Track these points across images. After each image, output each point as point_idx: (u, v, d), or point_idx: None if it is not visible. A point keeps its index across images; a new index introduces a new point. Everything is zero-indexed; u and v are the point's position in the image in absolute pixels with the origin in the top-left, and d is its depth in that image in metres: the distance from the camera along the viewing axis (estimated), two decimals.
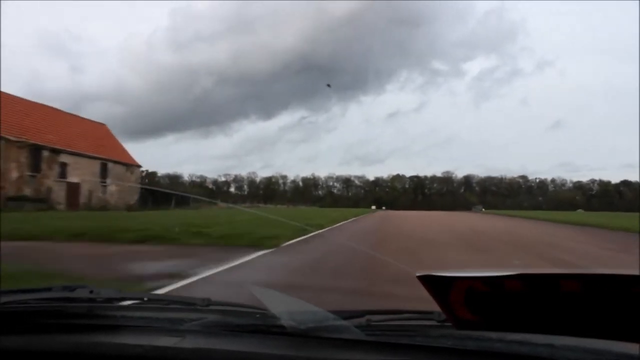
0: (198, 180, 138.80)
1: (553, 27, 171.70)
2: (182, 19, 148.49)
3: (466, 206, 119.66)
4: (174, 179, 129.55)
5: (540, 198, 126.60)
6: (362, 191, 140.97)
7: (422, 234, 17.13)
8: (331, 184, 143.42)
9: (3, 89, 30.30)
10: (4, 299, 1.15)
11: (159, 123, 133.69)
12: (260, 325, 1.01)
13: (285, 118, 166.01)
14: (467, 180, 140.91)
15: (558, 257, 9.97)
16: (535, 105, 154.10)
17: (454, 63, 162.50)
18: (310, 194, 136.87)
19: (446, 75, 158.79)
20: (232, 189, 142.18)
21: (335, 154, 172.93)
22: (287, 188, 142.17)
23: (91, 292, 1.25)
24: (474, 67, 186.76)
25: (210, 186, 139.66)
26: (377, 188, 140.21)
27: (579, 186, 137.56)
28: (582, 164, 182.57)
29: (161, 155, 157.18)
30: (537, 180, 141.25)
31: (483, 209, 76.23)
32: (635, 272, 0.52)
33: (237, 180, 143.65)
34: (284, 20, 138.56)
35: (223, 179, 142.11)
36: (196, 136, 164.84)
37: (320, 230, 16.91)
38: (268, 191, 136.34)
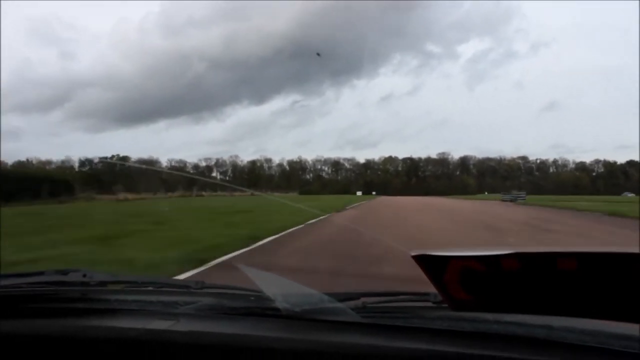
0: (177, 165, 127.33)
1: (548, 9, 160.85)
2: (174, 3, 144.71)
3: (462, 189, 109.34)
4: (149, 164, 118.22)
5: (534, 178, 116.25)
6: (353, 175, 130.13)
7: None
8: (319, 167, 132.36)
9: None
10: None
11: (151, 109, 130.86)
12: (254, 308, 1.00)
13: (278, 102, 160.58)
14: (464, 162, 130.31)
15: None
16: (529, 87, 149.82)
17: (448, 45, 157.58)
18: (297, 179, 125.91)
19: (440, 57, 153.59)
20: (217, 175, 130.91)
21: (328, 139, 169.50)
22: (272, 172, 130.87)
23: (84, 275, 1.23)
24: (468, 49, 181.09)
25: (191, 171, 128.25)
26: (368, 171, 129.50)
27: (582, 167, 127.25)
28: (575, 146, 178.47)
29: (154, 142, 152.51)
30: (538, 162, 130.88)
31: (525, 198, 41.12)
32: (634, 249, 0.50)
33: (220, 164, 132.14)
34: (276, 5, 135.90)
35: (204, 163, 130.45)
36: (188, 122, 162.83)
37: None
38: (252, 176, 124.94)
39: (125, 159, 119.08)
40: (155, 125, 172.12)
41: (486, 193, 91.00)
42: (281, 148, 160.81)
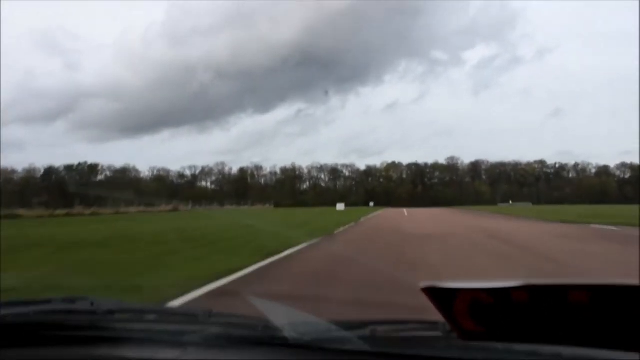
0: (160, 174, 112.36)
1: (553, 14, 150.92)
2: (179, 13, 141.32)
3: (475, 198, 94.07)
4: (123, 173, 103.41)
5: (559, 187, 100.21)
6: (353, 183, 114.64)
7: None
8: (316, 175, 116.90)
9: None
10: (4, 311, 1.11)
11: (155, 119, 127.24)
12: (262, 337, 0.96)
13: (283, 111, 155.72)
14: (475, 167, 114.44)
15: None
16: (535, 94, 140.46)
17: (454, 52, 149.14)
18: (291, 188, 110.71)
19: (446, 64, 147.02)
20: (208, 184, 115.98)
21: (333, 147, 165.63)
22: (263, 181, 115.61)
23: (92, 304, 1.21)
24: (474, 55, 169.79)
25: (177, 181, 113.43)
26: (369, 179, 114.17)
27: (605, 171, 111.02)
28: (580, 152, 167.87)
29: (158, 152, 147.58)
30: (557, 166, 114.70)
31: None
32: None
33: (205, 173, 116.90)
34: (282, 13, 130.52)
35: (188, 172, 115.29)
36: (192, 132, 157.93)
37: None
38: (240, 186, 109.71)
39: (94, 167, 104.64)
40: (159, 136, 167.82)
41: (510, 202, 74.66)
42: (286, 157, 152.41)
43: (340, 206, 47.52)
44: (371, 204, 71.16)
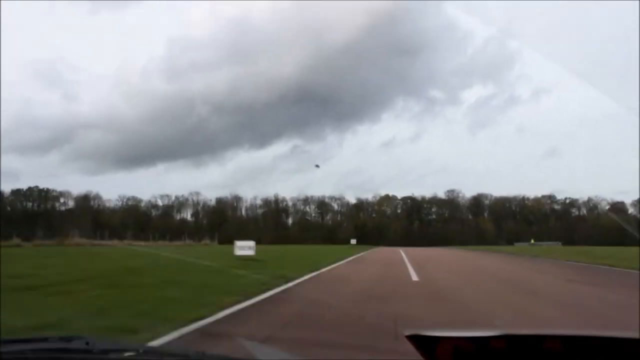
0: (130, 203, 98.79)
1: (549, 55, 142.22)
2: (179, 47, 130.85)
3: (478, 237, 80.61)
4: (85, 201, 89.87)
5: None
6: (342, 217, 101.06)
7: None
8: (302, 207, 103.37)
9: None
10: (0, 349, 1.09)
11: (151, 152, 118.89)
12: None
13: (279, 147, 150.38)
14: (477, 202, 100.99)
15: None
16: (531, 133, 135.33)
17: (452, 91, 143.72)
18: (275, 222, 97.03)
19: (443, 103, 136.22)
20: (188, 216, 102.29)
21: (328, 184, 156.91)
22: (243, 213, 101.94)
23: (87, 343, 1.19)
24: (471, 95, 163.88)
25: (153, 212, 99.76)
26: (360, 213, 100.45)
27: (621, 208, 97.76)
28: (574, 191, 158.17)
29: (153, 185, 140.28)
30: (567, 201, 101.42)
31: None
32: (623, 333, 0.48)
33: (181, 203, 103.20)
34: (282, 50, 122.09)
35: (160, 202, 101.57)
36: (188, 165, 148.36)
37: None
38: (216, 217, 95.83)
39: (45, 193, 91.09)
40: (154, 169, 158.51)
41: (532, 242, 60.56)
42: (282, 193, 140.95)
43: (244, 248, 17.64)
44: (352, 241, 51.22)
